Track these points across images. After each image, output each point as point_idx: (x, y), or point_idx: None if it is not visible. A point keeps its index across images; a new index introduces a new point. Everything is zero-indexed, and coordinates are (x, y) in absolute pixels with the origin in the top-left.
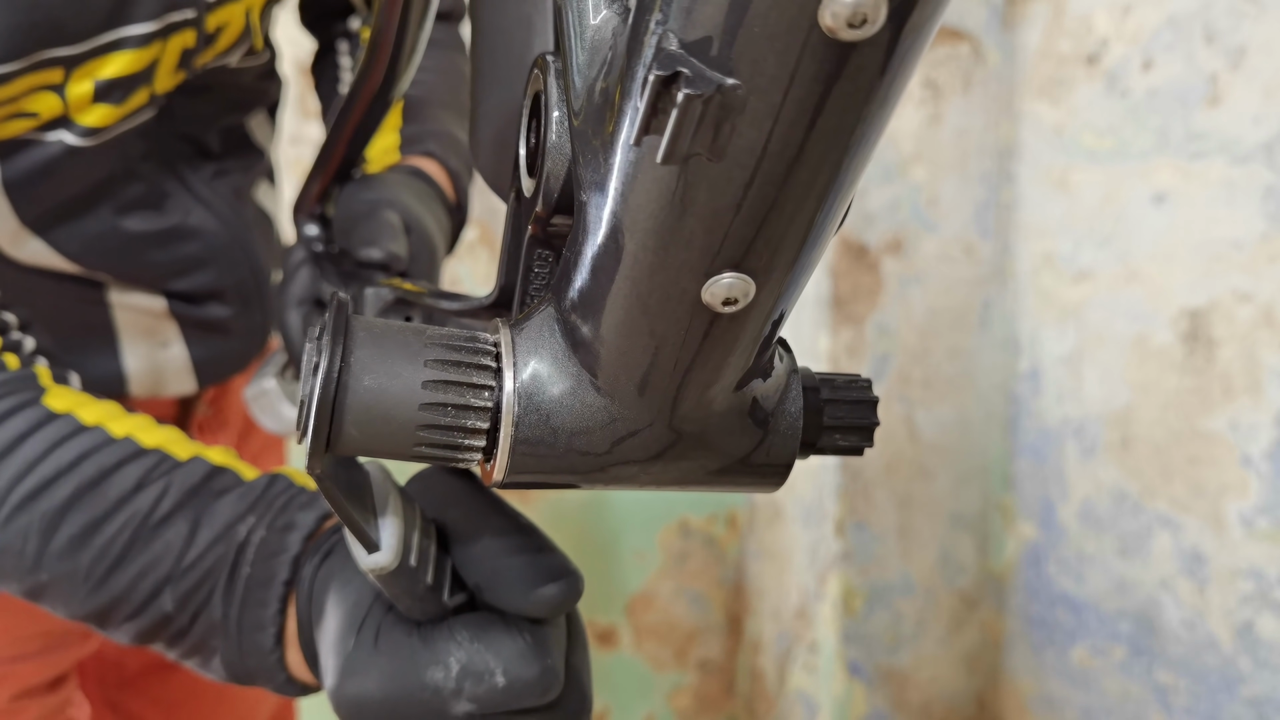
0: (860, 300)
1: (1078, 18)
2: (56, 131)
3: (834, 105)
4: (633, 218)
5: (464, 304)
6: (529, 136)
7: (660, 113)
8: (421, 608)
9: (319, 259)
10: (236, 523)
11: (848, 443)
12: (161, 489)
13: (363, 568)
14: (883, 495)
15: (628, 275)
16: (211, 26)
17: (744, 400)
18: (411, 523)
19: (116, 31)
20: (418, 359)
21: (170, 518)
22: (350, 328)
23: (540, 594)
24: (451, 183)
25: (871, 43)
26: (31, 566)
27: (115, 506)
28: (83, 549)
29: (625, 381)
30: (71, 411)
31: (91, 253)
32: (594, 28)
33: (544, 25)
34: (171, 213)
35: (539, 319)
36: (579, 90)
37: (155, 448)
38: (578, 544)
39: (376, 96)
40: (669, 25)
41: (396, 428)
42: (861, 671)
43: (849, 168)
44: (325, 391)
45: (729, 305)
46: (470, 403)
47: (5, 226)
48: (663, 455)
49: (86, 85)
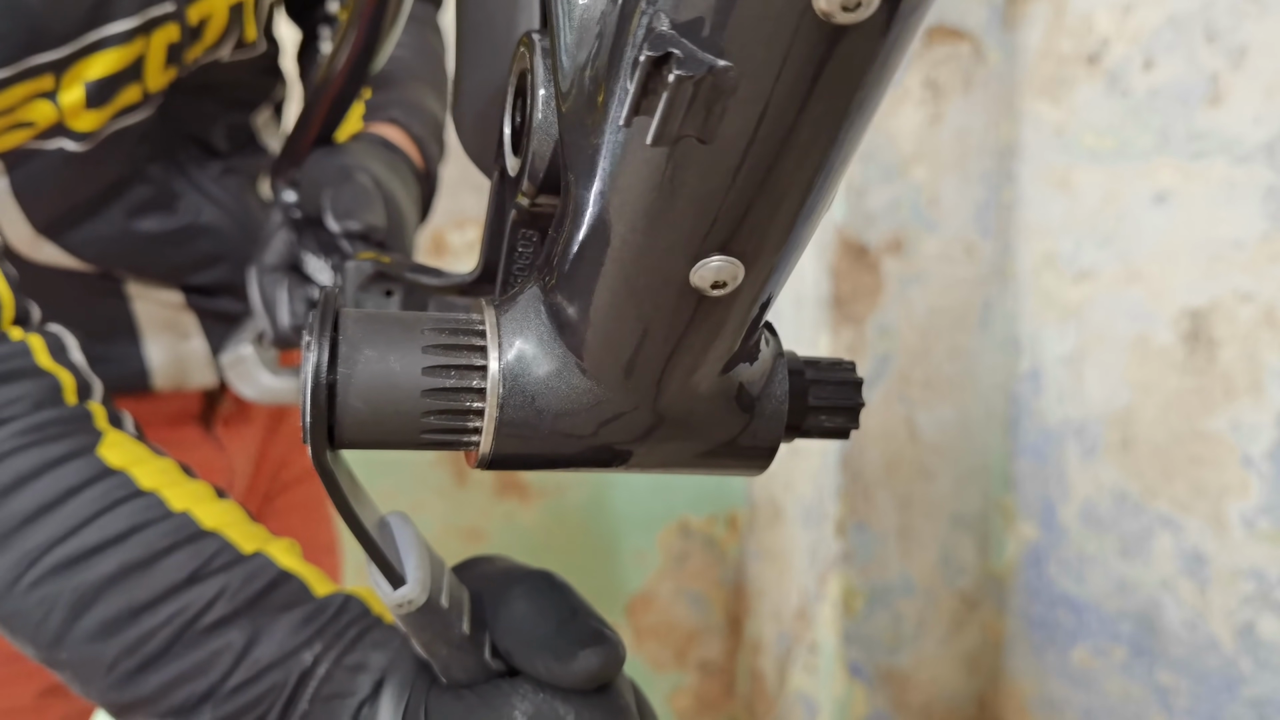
0: (860, 300)
1: (1079, 17)
2: (55, 140)
3: (825, 88)
4: (621, 199)
5: (446, 280)
6: (514, 115)
7: (651, 94)
8: (462, 661)
9: (297, 225)
10: (301, 648)
11: (833, 424)
12: (218, 588)
13: (387, 604)
14: (883, 495)
15: (615, 257)
16: (194, 19)
17: (730, 384)
18: (440, 565)
19: (98, 31)
20: (415, 344)
21: (223, 625)
22: (342, 320)
23: (577, 662)
24: (418, 149)
25: (864, 26)
26: (51, 642)
27: (161, 597)
28: (113, 637)
29: (611, 364)
30: (127, 469)
31: (107, 254)
32: (582, 7)
33: (529, 2)
34: (183, 213)
35: (524, 300)
36: (567, 70)
37: (215, 530)
38: (578, 544)
39: (357, 63)
40: (660, 5)
41: (402, 414)
42: (862, 672)
43: (839, 151)
44: (318, 383)
45: (717, 288)
46: (471, 385)
47: (20, 233)
48: (647, 438)
49: (78, 90)
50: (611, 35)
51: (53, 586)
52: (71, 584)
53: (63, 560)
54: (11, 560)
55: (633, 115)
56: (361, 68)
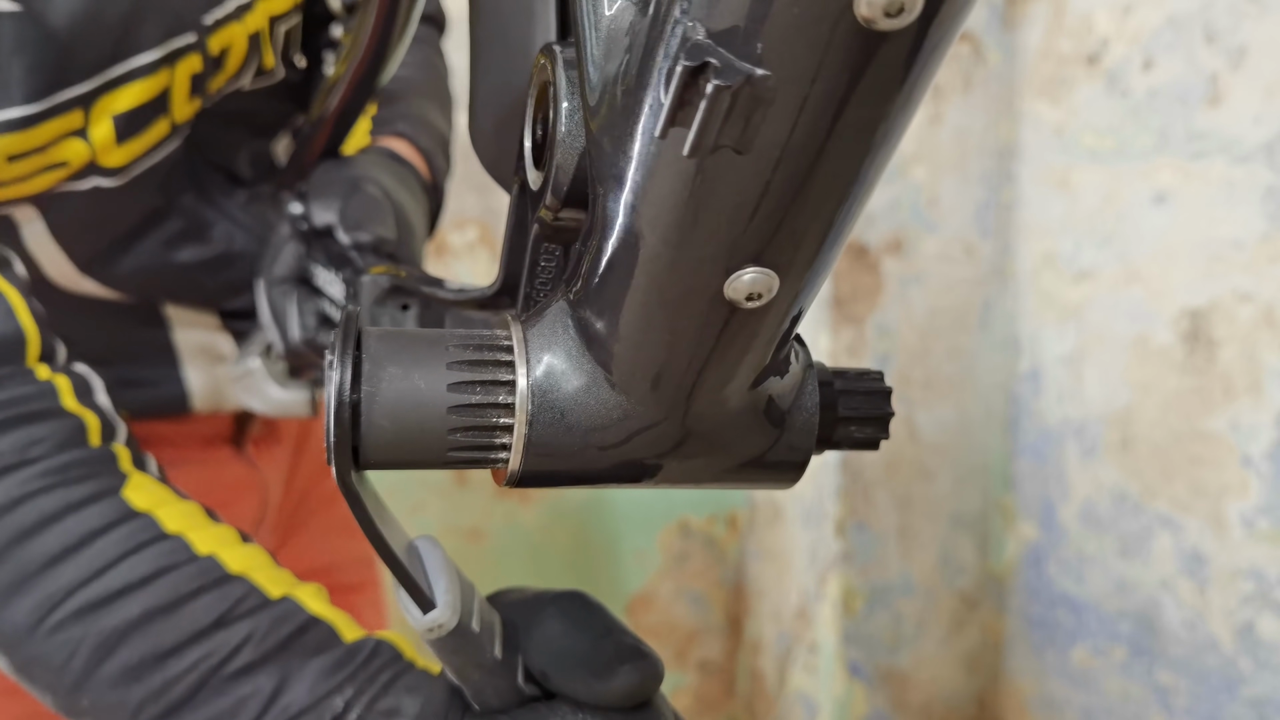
0: (860, 300)
1: (1078, 17)
2: (89, 179)
3: (864, 96)
4: (654, 211)
5: (465, 294)
6: (535, 128)
7: (687, 104)
8: (495, 686)
9: (305, 238)
10: (332, 694)
11: (864, 434)
12: (245, 634)
13: (418, 629)
14: (883, 495)
15: (647, 270)
16: (215, 49)
17: (760, 398)
18: (470, 589)
19: (124, 64)
20: (439, 361)
21: (251, 670)
22: (365, 338)
23: (617, 678)
24: (425, 162)
25: (904, 33)
26: (72, 687)
27: (187, 642)
28: (137, 683)
29: (641, 378)
30: (152, 512)
31: (147, 286)
32: (609, 17)
33: (545, 13)
34: (217, 241)
35: (551, 314)
36: (594, 82)
37: (241, 574)
38: (578, 544)
39: (364, 76)
40: (695, 14)
41: (428, 432)
42: (862, 672)
43: (875, 160)
44: (342, 402)
45: (752, 300)
46: (498, 400)
47: (63, 271)
48: (676, 452)
49: (106, 125)
50: (643, 45)
51: (76, 630)
52: (95, 628)
53: (86, 604)
54: (33, 603)
55: (669, 126)
56: (368, 81)
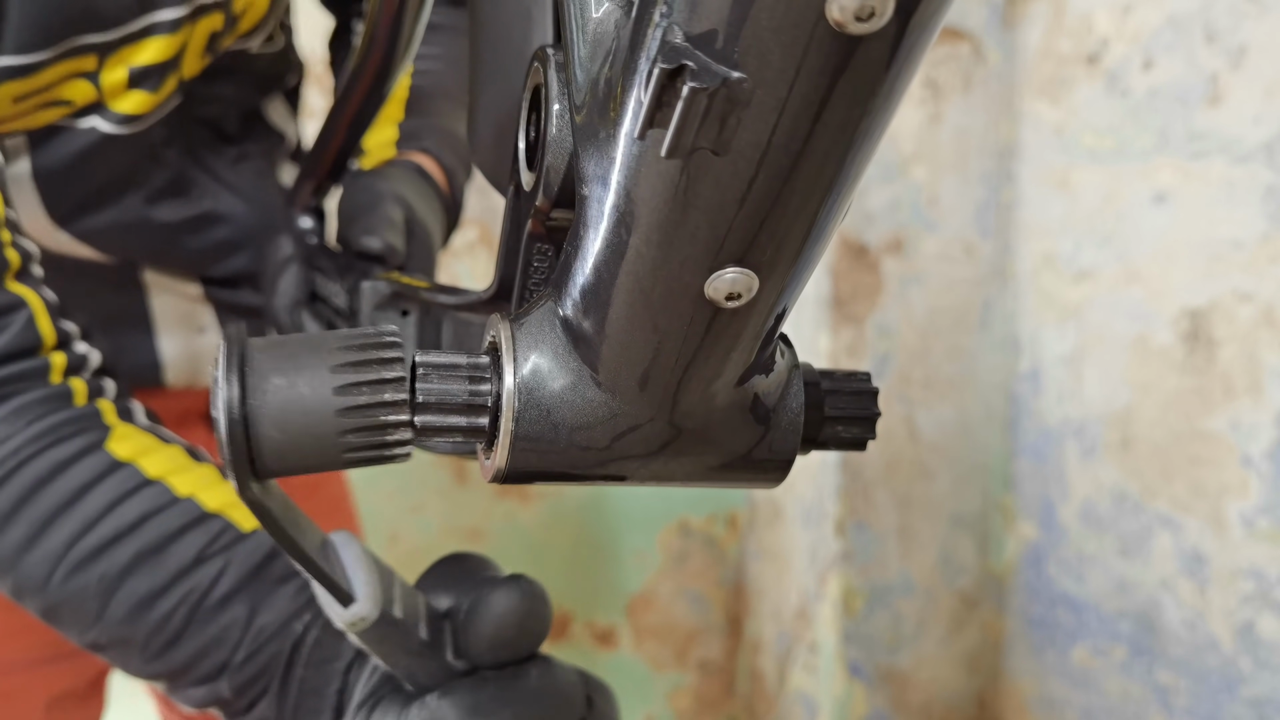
0: (860, 300)
1: (1078, 17)
2: (89, 118)
3: (839, 99)
4: (636, 212)
5: (462, 298)
6: (528, 130)
7: (665, 106)
8: (425, 668)
9: (312, 252)
10: (292, 619)
11: (850, 435)
12: (221, 566)
13: (340, 625)
14: (883, 495)
15: (630, 270)
16: (239, 8)
17: (745, 396)
18: (390, 576)
19: (149, 17)
20: (323, 365)
21: (228, 601)
22: (247, 350)
23: (492, 604)
24: (446, 179)
25: (878, 36)
26: (90, 624)
27: (173, 579)
28: (139, 620)
29: (626, 376)
30: (135, 461)
31: (125, 243)
32: (596, 20)
33: (543, 17)
34: (199, 199)
35: (539, 314)
36: (581, 84)
37: (217, 512)
38: (577, 544)
39: (372, 88)
40: (674, 18)
41: (319, 437)
42: (861, 672)
43: (854, 162)
44: (232, 418)
45: (732, 300)
46: (384, 399)
47: (36, 223)
48: (663, 451)
49: (120, 72)
50: (625, 47)
51: (80, 579)
52: (95, 574)
53: (85, 554)
54: (43, 557)
55: (647, 127)
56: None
